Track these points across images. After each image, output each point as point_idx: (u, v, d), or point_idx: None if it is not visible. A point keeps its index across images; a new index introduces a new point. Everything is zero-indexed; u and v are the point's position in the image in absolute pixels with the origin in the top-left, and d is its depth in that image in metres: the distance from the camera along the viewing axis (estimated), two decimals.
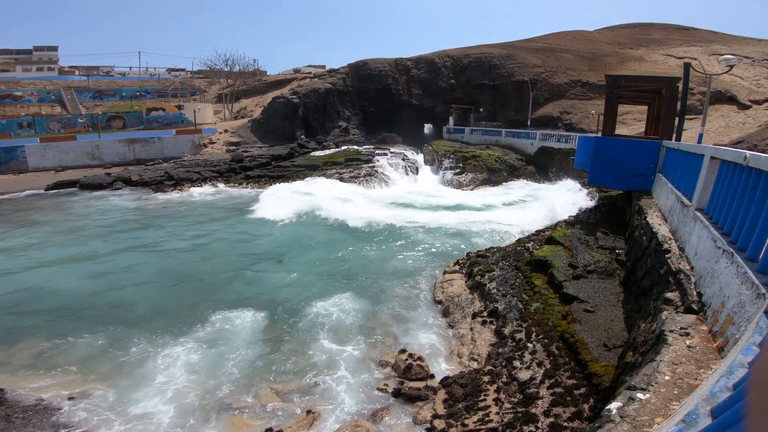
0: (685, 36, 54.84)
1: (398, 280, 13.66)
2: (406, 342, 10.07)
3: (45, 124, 41.71)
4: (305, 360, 9.45)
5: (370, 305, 11.91)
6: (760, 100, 31.87)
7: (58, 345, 10.02)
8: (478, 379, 8.00)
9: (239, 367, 9.15)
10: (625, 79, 17.35)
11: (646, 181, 14.24)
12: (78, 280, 13.86)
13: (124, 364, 9.35)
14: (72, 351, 9.80)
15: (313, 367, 9.18)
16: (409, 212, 22.37)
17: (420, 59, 49.21)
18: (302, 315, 11.41)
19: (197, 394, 8.37)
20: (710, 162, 7.17)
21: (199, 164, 35.55)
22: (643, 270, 8.62)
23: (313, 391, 8.48)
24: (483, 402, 7.41)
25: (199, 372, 9.02)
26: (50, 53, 69.58)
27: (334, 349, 9.79)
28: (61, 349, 9.86)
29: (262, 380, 8.79)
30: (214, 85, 59.50)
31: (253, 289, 13.19)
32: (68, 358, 9.51)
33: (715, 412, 2.51)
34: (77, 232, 19.31)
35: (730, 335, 4.27)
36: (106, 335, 10.41)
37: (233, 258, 15.94)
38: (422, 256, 16.00)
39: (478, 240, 17.72)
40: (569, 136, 30.03)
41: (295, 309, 11.76)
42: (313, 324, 10.91)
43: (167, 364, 9.28)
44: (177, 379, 8.78)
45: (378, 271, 14.52)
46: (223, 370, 9.09)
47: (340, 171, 31.48)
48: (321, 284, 13.45)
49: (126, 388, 8.53)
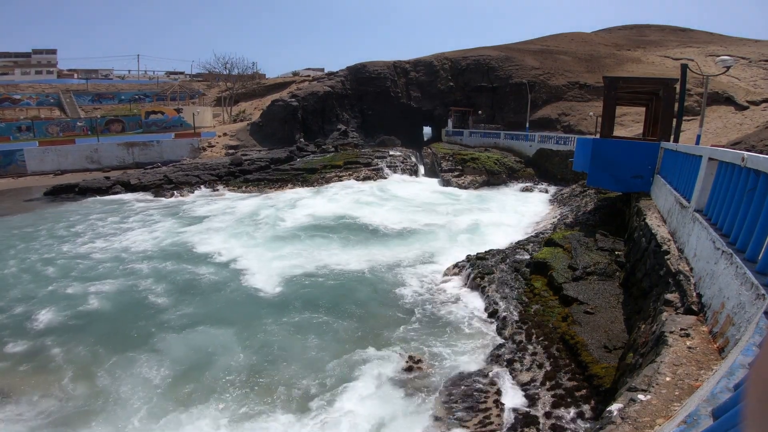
0: (682, 37, 55.08)
1: (395, 283, 13.65)
2: (405, 344, 10.05)
3: (44, 127, 41.65)
4: (306, 361, 9.44)
5: (368, 307, 11.90)
6: (758, 100, 31.99)
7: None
8: (479, 381, 8.00)
9: (237, 369, 9.14)
10: (622, 80, 17.41)
11: (644, 183, 14.27)
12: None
13: (127, 365, 9.33)
14: (73, 355, 9.78)
15: (312, 369, 9.16)
16: (404, 215, 22.40)
17: (418, 62, 49.34)
18: (297, 315, 11.40)
19: (197, 395, 8.35)
20: (708, 163, 7.20)
21: (198, 168, 35.52)
22: (642, 271, 8.64)
23: (312, 392, 8.46)
24: (483, 404, 7.41)
25: (199, 372, 9.00)
26: (49, 56, 69.62)
27: (333, 351, 9.78)
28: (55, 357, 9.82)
29: (260, 380, 8.76)
30: (213, 89, 59.52)
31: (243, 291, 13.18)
32: (68, 363, 9.48)
33: (716, 413, 2.51)
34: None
35: (731, 336, 4.28)
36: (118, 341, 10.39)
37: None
38: (421, 257, 15.99)
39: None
40: (568, 138, 30.10)
41: (295, 310, 11.76)
42: (310, 326, 10.90)
43: (170, 365, 9.25)
44: (182, 385, 8.75)
45: (377, 272, 14.52)
46: (222, 372, 9.08)
47: (339, 174, 31.49)
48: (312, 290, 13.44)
49: (126, 391, 8.51)
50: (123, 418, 7.78)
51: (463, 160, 32.16)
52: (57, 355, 9.75)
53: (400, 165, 33.94)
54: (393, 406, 8.07)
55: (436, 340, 10.24)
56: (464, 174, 31.30)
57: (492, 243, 16.80)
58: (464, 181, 30.70)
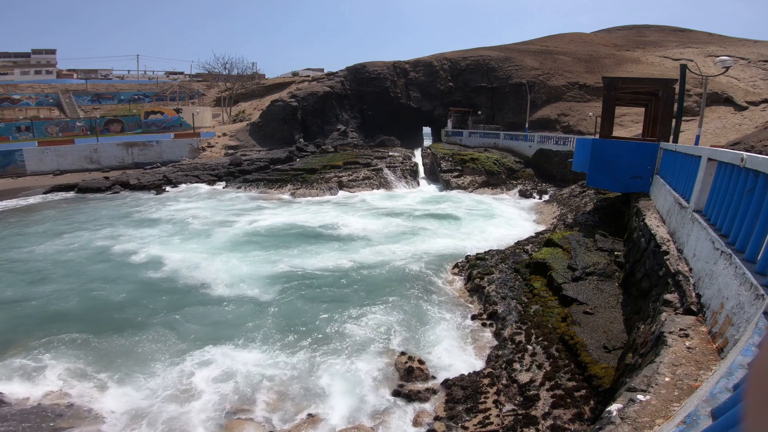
0: (681, 38, 55.13)
1: (396, 284, 13.64)
2: (406, 345, 10.06)
3: (43, 127, 41.63)
4: (306, 362, 9.43)
5: (368, 308, 11.89)
6: (757, 101, 32.03)
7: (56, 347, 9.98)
8: (478, 382, 8.00)
9: (237, 369, 9.13)
10: (622, 81, 17.43)
11: (643, 183, 14.29)
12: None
13: (125, 368, 9.32)
14: (73, 353, 9.76)
15: (313, 370, 9.16)
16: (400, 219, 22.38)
17: (418, 62, 49.37)
18: (299, 318, 11.39)
19: (196, 398, 8.34)
20: (708, 163, 7.20)
21: (197, 168, 35.55)
22: (641, 272, 8.65)
23: (313, 394, 8.46)
24: (483, 404, 7.41)
25: (198, 373, 8.99)
26: (48, 56, 69.56)
27: (334, 352, 9.78)
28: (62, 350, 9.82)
29: (261, 383, 8.77)
30: (213, 89, 59.51)
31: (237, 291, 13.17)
32: (69, 361, 9.46)
33: (716, 413, 2.52)
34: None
35: (730, 336, 4.29)
36: (106, 339, 10.38)
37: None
38: (419, 259, 15.98)
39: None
40: (567, 139, 30.11)
41: (292, 310, 11.75)
42: (311, 328, 10.89)
43: (170, 367, 9.25)
44: (175, 383, 8.74)
45: (375, 275, 14.51)
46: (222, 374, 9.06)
47: (338, 174, 31.49)
48: (313, 288, 13.42)
49: (125, 392, 8.50)
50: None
51: (462, 161, 32.18)
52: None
53: (400, 165, 33.94)
54: (393, 406, 8.07)
55: (436, 341, 10.24)
56: (464, 174, 31.30)
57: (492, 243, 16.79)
58: (464, 181, 30.72)
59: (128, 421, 7.78)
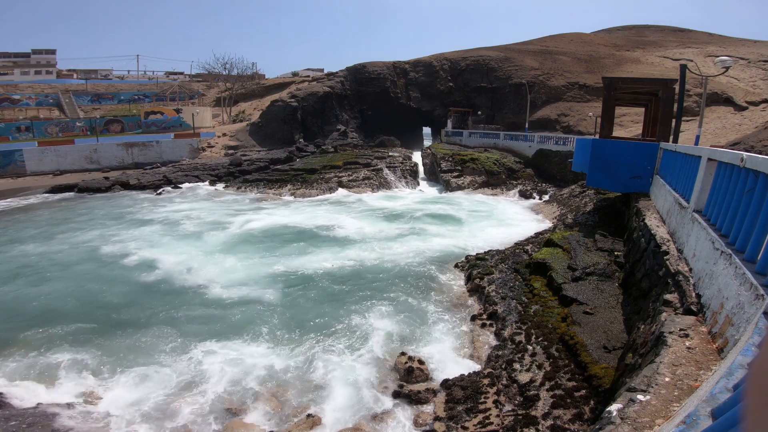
0: (681, 38, 55.15)
1: (395, 284, 13.64)
2: (406, 345, 10.05)
3: (43, 127, 41.63)
4: (305, 363, 9.43)
5: (368, 309, 11.89)
6: (757, 101, 32.04)
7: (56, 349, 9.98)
8: (478, 382, 8.00)
9: (237, 370, 9.12)
10: (622, 81, 17.43)
11: (643, 183, 14.29)
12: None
13: (125, 368, 9.31)
14: (73, 353, 9.76)
15: (312, 371, 9.16)
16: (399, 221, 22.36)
17: (418, 62, 49.39)
18: (301, 319, 11.39)
19: (196, 399, 8.34)
20: (707, 163, 7.21)
21: (197, 168, 35.55)
22: (641, 272, 8.65)
23: (312, 395, 8.46)
24: (483, 404, 7.41)
25: (197, 374, 8.99)
26: (48, 56, 69.58)
27: (333, 353, 9.78)
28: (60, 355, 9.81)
29: (261, 383, 8.77)
30: (213, 89, 59.53)
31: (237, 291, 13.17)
32: (67, 363, 9.46)
33: (716, 413, 2.51)
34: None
35: (730, 336, 4.29)
36: (106, 339, 10.37)
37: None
38: (419, 259, 15.98)
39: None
40: (567, 139, 30.11)
41: (292, 310, 11.74)
42: (312, 329, 10.89)
43: (169, 368, 9.25)
44: (174, 384, 8.74)
45: (374, 275, 14.51)
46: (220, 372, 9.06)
47: (338, 175, 31.49)
48: (316, 288, 13.42)
49: (125, 392, 8.50)
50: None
51: (462, 161, 32.18)
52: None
53: (400, 166, 33.94)
54: (393, 406, 8.07)
55: (436, 341, 10.24)
56: (463, 174, 31.31)
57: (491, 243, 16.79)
58: (464, 181, 30.71)
59: (128, 421, 7.77)
